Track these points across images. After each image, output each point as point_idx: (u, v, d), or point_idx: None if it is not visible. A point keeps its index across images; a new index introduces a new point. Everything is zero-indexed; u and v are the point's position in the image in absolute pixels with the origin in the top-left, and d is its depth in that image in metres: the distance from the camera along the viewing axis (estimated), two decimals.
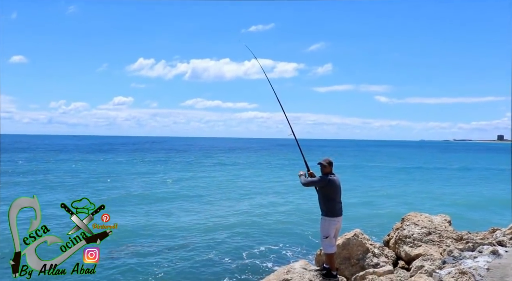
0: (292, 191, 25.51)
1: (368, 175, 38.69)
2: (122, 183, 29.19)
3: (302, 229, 15.62)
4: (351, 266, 7.90)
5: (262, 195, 24.60)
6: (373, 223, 16.85)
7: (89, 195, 22.74)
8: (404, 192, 27.28)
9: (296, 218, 17.81)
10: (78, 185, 27.22)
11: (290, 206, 20.73)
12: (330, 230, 6.84)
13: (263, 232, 15.15)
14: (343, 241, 8.03)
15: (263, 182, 31.70)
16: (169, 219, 17.23)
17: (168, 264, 11.10)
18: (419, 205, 20.94)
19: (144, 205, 20.31)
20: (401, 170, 45.33)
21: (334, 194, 6.85)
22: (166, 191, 25.41)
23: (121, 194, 23.83)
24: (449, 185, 31.46)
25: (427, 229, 8.76)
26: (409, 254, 8.30)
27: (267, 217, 18.07)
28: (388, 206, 21.56)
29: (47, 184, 26.92)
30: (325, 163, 6.93)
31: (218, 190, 26.38)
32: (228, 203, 21.57)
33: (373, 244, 8.32)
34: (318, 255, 8.32)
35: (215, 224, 16.28)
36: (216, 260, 11.63)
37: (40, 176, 31.89)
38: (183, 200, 22.35)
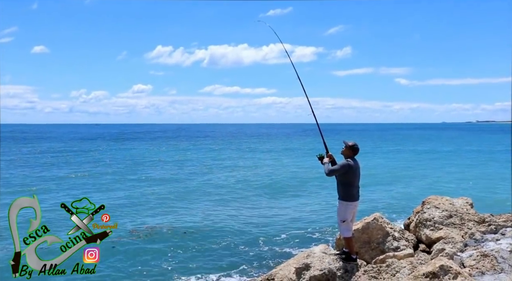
0: (311, 176, 25.49)
1: (387, 158, 38.36)
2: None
3: (321, 214, 15.65)
4: (371, 250, 7.91)
5: (281, 181, 24.68)
6: (393, 206, 16.76)
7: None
8: (425, 174, 26.98)
9: (315, 203, 17.85)
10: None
11: (309, 191, 20.76)
12: (347, 214, 6.85)
13: (282, 218, 15.25)
14: (362, 225, 8.02)
15: (284, 167, 31.74)
16: (186, 207, 17.47)
17: (182, 253, 11.20)
18: (440, 188, 20.72)
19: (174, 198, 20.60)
20: (421, 153, 44.78)
21: (353, 179, 6.82)
22: (191, 179, 25.71)
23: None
24: (472, 167, 30.96)
25: (448, 212, 8.68)
26: (430, 238, 8.25)
27: (283, 201, 18.15)
28: (408, 189, 21.39)
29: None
30: (349, 145, 6.90)
31: (237, 177, 26.55)
32: (246, 191, 21.72)
33: (393, 228, 8.29)
34: (338, 239, 8.33)
35: (231, 211, 16.45)
36: (234, 247, 11.75)
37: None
38: (198, 188, 22.59)
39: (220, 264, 10.36)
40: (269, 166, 32.27)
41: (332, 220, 14.29)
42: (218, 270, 10.00)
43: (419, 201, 9.96)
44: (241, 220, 14.84)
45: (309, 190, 21.15)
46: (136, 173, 27.85)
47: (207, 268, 10.11)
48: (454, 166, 32.53)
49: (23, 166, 31.96)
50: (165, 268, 10.14)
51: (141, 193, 20.30)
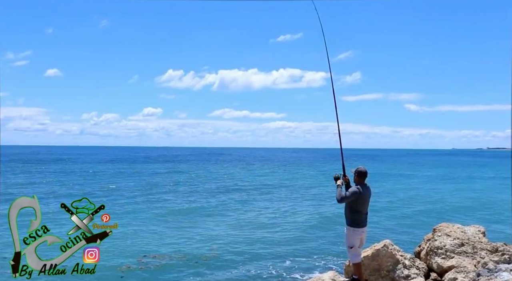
0: (323, 200, 25.29)
1: (398, 183, 38.00)
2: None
3: (330, 239, 15.44)
4: (381, 278, 7.74)
5: (291, 204, 24.50)
6: (403, 233, 16.50)
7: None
8: (436, 201, 26.63)
9: (324, 228, 17.63)
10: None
11: (319, 216, 20.54)
12: (354, 240, 6.81)
13: (291, 242, 15.06)
14: (372, 252, 7.88)
15: (295, 190, 31.56)
16: (191, 226, 17.35)
17: (184, 276, 11.05)
18: (451, 215, 20.40)
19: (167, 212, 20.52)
20: (432, 178, 44.35)
21: (361, 206, 6.78)
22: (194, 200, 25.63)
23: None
24: (485, 193, 30.52)
25: (460, 240, 8.50)
26: (441, 266, 8.07)
27: (295, 226, 17.96)
28: (419, 216, 21.08)
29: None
30: (359, 171, 6.87)
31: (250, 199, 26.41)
32: (255, 213, 21.55)
33: (404, 255, 8.14)
34: (347, 266, 8.19)
35: (239, 234, 16.29)
36: (241, 271, 11.59)
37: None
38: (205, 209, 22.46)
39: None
40: (280, 189, 32.12)
41: (340, 244, 14.11)
42: None
43: (430, 228, 9.80)
44: (245, 242, 14.71)
45: (317, 212, 20.94)
46: (155, 198, 27.84)
47: None
48: (467, 192, 32.15)
49: (33, 186, 32.14)
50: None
51: (152, 217, 20.25)
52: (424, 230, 12.95)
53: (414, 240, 14.04)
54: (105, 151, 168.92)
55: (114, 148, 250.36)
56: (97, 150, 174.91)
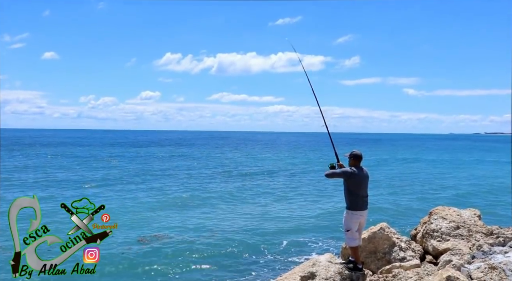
0: (321, 185, 25.43)
1: (395, 168, 38.15)
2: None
3: (327, 222, 15.57)
4: (377, 260, 7.84)
5: (289, 189, 24.62)
6: (399, 217, 16.65)
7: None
8: (434, 185, 26.79)
9: (321, 211, 17.76)
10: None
11: (315, 199, 20.68)
12: (352, 223, 6.82)
13: (287, 226, 15.19)
14: (369, 235, 7.96)
15: (292, 175, 31.69)
16: (187, 214, 17.45)
17: (185, 261, 11.13)
18: (449, 199, 20.55)
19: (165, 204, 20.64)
20: (431, 162, 44.51)
21: (357, 188, 6.78)
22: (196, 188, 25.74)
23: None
24: (481, 178, 30.70)
25: (456, 223, 8.59)
26: (436, 249, 8.16)
27: (292, 211, 18.09)
28: (416, 200, 21.24)
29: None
30: (352, 154, 6.88)
31: (247, 186, 26.53)
32: (255, 197, 21.69)
33: (400, 238, 8.21)
34: (343, 248, 8.28)
35: (236, 219, 16.41)
36: (239, 255, 11.71)
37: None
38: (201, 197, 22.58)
39: (224, 273, 10.32)
40: (274, 173, 32.24)
41: (337, 227, 14.24)
42: (222, 278, 9.97)
43: (426, 211, 9.90)
44: (243, 227, 14.81)
45: (314, 197, 21.07)
46: (154, 180, 27.95)
47: (210, 277, 10.07)
48: (465, 175, 32.33)
49: (36, 170, 32.22)
50: (169, 276, 10.13)
51: (149, 199, 20.37)
52: (421, 213, 13.07)
53: (410, 223, 14.20)
54: (104, 134, 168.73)
55: (113, 132, 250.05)
56: (96, 134, 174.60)
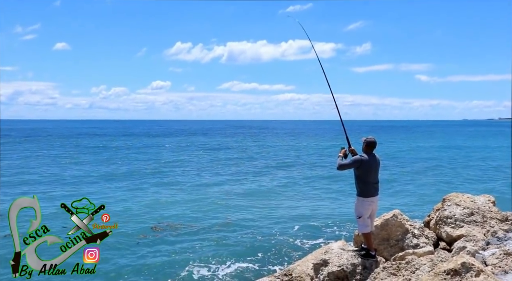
0: (332, 172, 25.36)
1: (410, 154, 37.85)
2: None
3: (339, 209, 15.55)
4: (390, 247, 7.80)
5: (300, 175, 24.62)
6: (413, 203, 16.54)
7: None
8: (445, 172, 26.56)
9: (333, 198, 17.73)
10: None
11: (327, 187, 20.64)
12: (363, 210, 6.79)
13: (300, 213, 15.20)
14: (381, 222, 7.92)
15: (302, 161, 31.64)
16: (198, 203, 17.57)
17: (199, 248, 11.23)
18: (460, 186, 20.37)
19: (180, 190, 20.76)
20: (443, 149, 44.07)
21: (368, 175, 6.73)
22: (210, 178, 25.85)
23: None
24: (491, 165, 30.32)
25: (470, 209, 8.50)
26: (450, 235, 8.10)
27: (303, 197, 18.09)
28: (428, 186, 21.08)
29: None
30: (366, 141, 6.83)
31: (255, 172, 26.57)
32: (269, 185, 21.72)
33: (413, 225, 8.16)
34: (356, 235, 8.26)
35: (246, 205, 16.48)
36: (252, 242, 11.75)
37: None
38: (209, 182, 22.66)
39: (237, 259, 10.38)
40: (283, 162, 32.22)
41: (349, 214, 14.21)
42: (235, 264, 10.04)
43: (439, 198, 9.81)
44: (255, 215, 14.87)
45: (324, 185, 21.03)
46: (165, 173, 28.14)
47: (223, 263, 10.15)
48: (480, 162, 31.98)
49: (55, 164, 32.61)
50: (183, 261, 10.24)
51: (160, 190, 20.52)
52: (435, 200, 12.96)
53: (424, 210, 14.11)
54: (117, 124, 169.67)
55: (125, 122, 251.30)
56: (109, 124, 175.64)
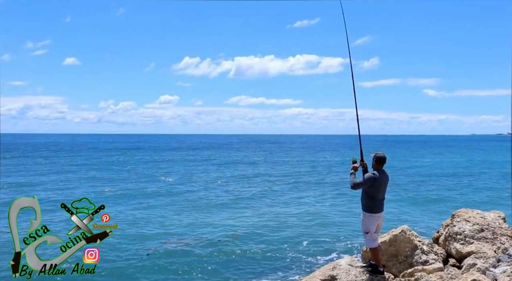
0: (339, 185, 25.25)
1: (417, 170, 37.59)
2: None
3: (347, 225, 15.42)
4: (398, 263, 7.72)
5: (309, 190, 24.52)
6: (421, 219, 16.37)
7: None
8: (455, 188, 26.31)
9: (340, 213, 17.60)
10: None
11: (336, 202, 20.51)
12: (370, 225, 6.77)
13: (306, 227, 15.09)
14: (390, 238, 7.85)
15: (314, 177, 31.54)
16: (205, 213, 17.52)
17: (207, 263, 11.16)
18: (470, 201, 20.17)
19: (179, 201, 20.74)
20: (453, 164, 43.73)
21: (377, 192, 6.73)
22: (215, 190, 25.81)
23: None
24: (505, 179, 30.01)
25: (480, 225, 8.40)
26: (460, 252, 8.00)
27: (312, 212, 17.98)
28: (436, 202, 20.87)
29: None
30: (376, 157, 6.80)
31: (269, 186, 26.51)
32: (277, 199, 21.63)
33: (422, 241, 8.08)
34: (364, 251, 8.18)
35: (253, 218, 16.39)
36: (260, 256, 11.69)
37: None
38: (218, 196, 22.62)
39: (244, 274, 10.31)
40: (292, 176, 32.12)
41: (357, 230, 14.09)
42: (238, 278, 9.97)
43: (448, 214, 9.71)
44: (264, 228, 14.78)
45: (332, 199, 20.90)
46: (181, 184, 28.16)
47: (230, 277, 10.08)
48: (489, 177, 31.67)
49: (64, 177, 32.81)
50: (191, 276, 10.19)
51: (169, 202, 20.51)
52: (443, 216, 12.84)
53: (432, 226, 13.95)
54: (126, 138, 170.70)
55: (134, 136, 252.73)
56: (118, 138, 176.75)
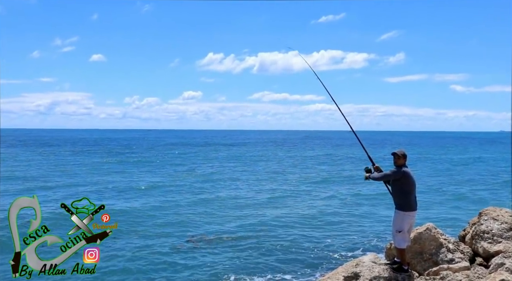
0: (359, 183, 25.05)
1: (440, 168, 36.92)
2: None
3: (371, 222, 15.31)
4: (423, 261, 7.62)
5: (334, 187, 24.42)
6: (446, 217, 16.11)
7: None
8: (481, 186, 25.75)
9: (365, 211, 17.47)
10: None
11: (359, 199, 20.36)
12: (404, 224, 6.62)
13: (332, 225, 15.05)
14: (414, 235, 7.74)
15: (337, 174, 31.37)
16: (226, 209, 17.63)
17: (227, 259, 11.19)
18: (497, 200, 19.71)
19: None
20: (479, 162, 42.76)
21: (410, 187, 6.60)
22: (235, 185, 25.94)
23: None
24: None
25: (508, 224, 8.20)
26: (487, 251, 7.84)
27: (333, 209, 17.90)
28: (463, 200, 20.49)
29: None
30: (400, 154, 6.68)
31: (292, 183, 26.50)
32: (301, 196, 21.62)
33: (447, 239, 7.95)
34: (388, 249, 8.11)
35: (284, 216, 16.40)
36: (283, 253, 11.71)
37: None
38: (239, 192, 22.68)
39: (266, 270, 10.36)
40: (320, 172, 32.00)
41: (382, 227, 13.97)
42: (267, 276, 10.01)
43: (474, 212, 9.52)
44: (287, 226, 14.79)
45: (355, 196, 20.75)
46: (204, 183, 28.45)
47: (252, 274, 10.13)
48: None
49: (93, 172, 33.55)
50: (212, 273, 10.28)
51: (188, 202, 20.72)
52: (470, 214, 12.58)
53: (458, 224, 13.71)
54: (150, 134, 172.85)
55: (159, 131, 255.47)
56: (143, 134, 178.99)
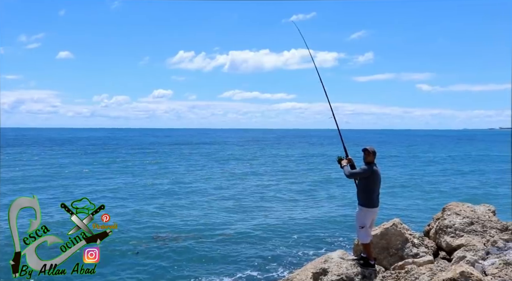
0: (329, 180, 25.37)
1: (407, 164, 37.83)
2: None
3: (339, 218, 15.52)
4: (389, 256, 7.78)
5: (299, 184, 24.60)
6: (412, 213, 16.52)
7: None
8: (446, 182, 26.52)
9: (333, 207, 17.71)
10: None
11: (327, 196, 20.62)
12: (366, 220, 6.77)
13: (300, 222, 15.18)
14: (381, 231, 7.90)
15: (304, 170, 31.63)
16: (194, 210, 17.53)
17: (197, 257, 11.22)
18: (461, 195, 20.35)
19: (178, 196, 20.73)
20: (443, 159, 44.04)
21: (375, 185, 6.73)
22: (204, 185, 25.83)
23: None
24: (492, 175, 30.28)
25: (470, 219, 8.48)
26: (450, 245, 8.08)
27: (303, 207, 18.07)
28: (428, 196, 21.05)
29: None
30: (371, 150, 6.80)
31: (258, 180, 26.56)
32: (269, 194, 21.69)
33: (413, 234, 8.14)
34: (356, 244, 8.23)
35: (248, 214, 16.44)
36: (251, 251, 11.75)
37: None
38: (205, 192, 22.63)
39: (237, 268, 10.36)
40: (286, 172, 32.21)
41: (349, 224, 14.18)
42: (235, 273, 10.02)
43: (439, 208, 9.80)
44: (255, 223, 14.86)
45: (324, 194, 21.00)
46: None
47: (222, 271, 10.13)
48: (479, 172, 31.95)
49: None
50: (182, 272, 10.22)
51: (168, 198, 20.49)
52: (434, 210, 12.95)
53: (423, 219, 14.08)
54: (120, 133, 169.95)
55: (128, 130, 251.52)
56: (112, 133, 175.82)
